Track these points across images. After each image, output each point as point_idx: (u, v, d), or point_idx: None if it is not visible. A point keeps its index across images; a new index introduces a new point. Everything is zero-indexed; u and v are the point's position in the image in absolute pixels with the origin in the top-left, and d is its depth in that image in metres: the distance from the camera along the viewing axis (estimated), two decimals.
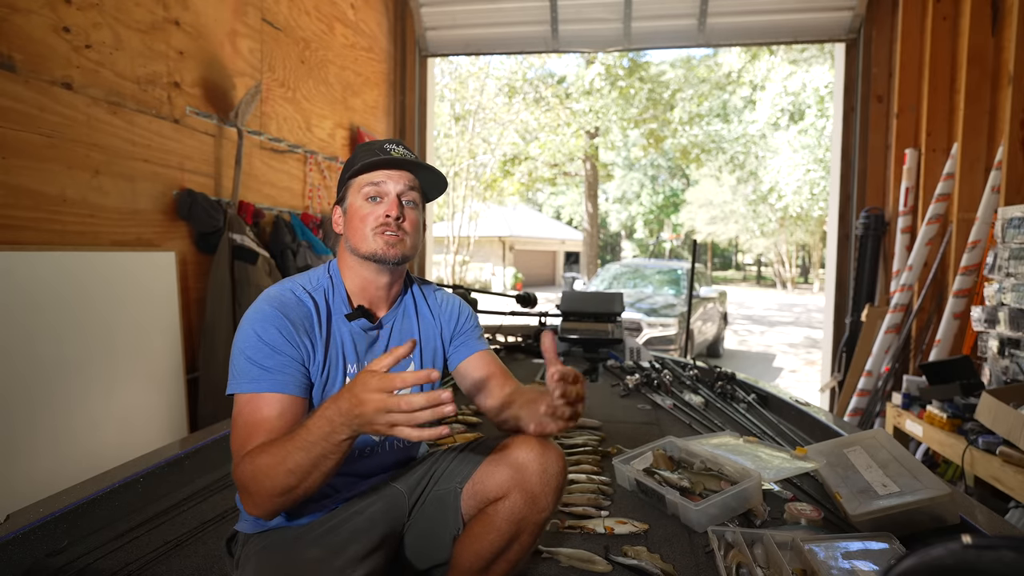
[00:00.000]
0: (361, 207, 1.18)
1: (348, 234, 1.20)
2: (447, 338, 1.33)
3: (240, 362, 1.07)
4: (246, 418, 1.04)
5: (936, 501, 1.50)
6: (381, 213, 1.17)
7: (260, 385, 1.05)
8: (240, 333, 1.09)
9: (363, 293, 1.22)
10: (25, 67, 2.25)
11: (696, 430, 2.47)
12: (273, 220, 3.72)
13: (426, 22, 5.62)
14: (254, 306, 1.12)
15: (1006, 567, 0.58)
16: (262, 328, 1.08)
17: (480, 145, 13.66)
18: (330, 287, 1.21)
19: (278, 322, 1.08)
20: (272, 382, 1.05)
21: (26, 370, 2.19)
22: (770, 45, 13.63)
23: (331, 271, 1.24)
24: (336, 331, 1.17)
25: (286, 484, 0.94)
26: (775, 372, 8.45)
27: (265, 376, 1.05)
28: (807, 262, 30.19)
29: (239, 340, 1.09)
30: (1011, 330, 2.84)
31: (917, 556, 0.60)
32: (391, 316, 1.26)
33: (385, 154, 1.17)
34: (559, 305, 3.91)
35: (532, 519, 1.12)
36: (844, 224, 5.08)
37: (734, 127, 20.13)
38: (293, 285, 1.17)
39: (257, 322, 1.09)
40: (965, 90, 3.66)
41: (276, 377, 1.06)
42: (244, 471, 0.98)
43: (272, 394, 1.05)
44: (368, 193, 1.18)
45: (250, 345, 1.07)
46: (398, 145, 1.21)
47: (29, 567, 1.35)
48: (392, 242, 1.16)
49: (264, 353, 1.06)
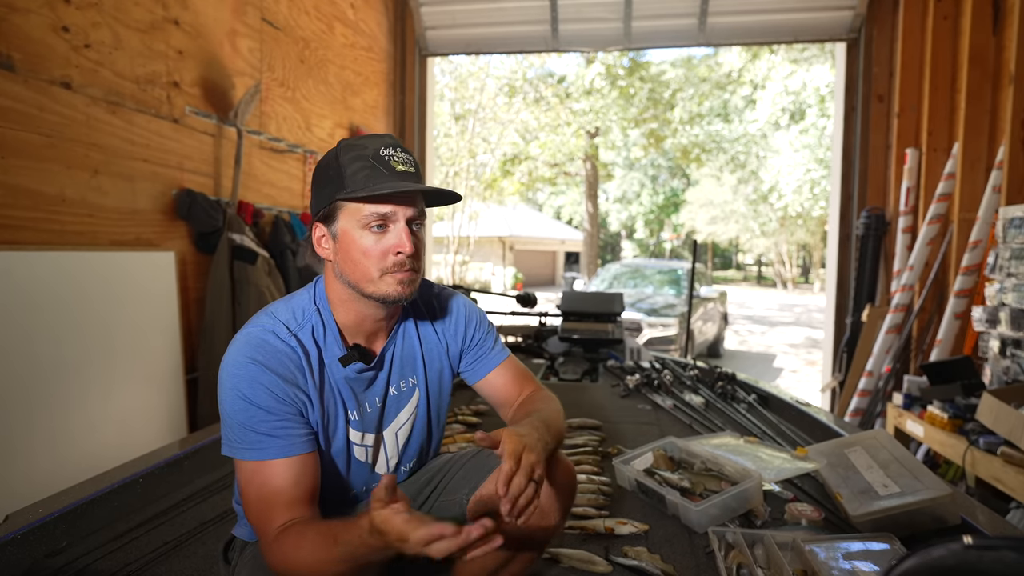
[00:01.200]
0: (361, 238, 0.99)
1: (344, 267, 1.01)
2: (455, 355, 1.21)
3: (234, 427, 0.96)
4: (258, 491, 0.94)
5: (937, 501, 1.50)
6: (391, 248, 0.99)
7: (264, 453, 0.94)
8: (226, 394, 0.96)
9: (359, 328, 1.08)
10: (24, 67, 2.24)
11: (696, 430, 2.47)
12: (272, 220, 3.72)
13: (426, 22, 5.62)
14: (233, 359, 0.97)
15: (1007, 567, 0.58)
16: (250, 390, 0.95)
17: (480, 145, 13.66)
18: (319, 324, 1.05)
19: (266, 379, 0.96)
20: (277, 447, 0.95)
21: (25, 370, 2.18)
22: (771, 45, 13.63)
23: (318, 302, 1.06)
24: (330, 377, 1.05)
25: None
26: (775, 372, 8.44)
27: (267, 441, 0.95)
28: (808, 262, 30.18)
29: (226, 403, 0.97)
30: (1012, 330, 2.83)
31: (918, 556, 0.60)
32: (390, 345, 1.13)
33: (390, 170, 0.98)
34: (559, 305, 3.91)
35: (538, 535, 1.09)
36: (845, 224, 5.08)
37: (735, 127, 20.12)
38: (275, 324, 1.01)
39: (242, 382, 0.95)
40: (966, 90, 3.65)
41: (279, 441, 0.95)
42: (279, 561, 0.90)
43: (279, 460, 0.95)
44: (372, 223, 0.98)
45: (239, 410, 0.95)
46: (397, 149, 1.00)
47: (28, 567, 1.34)
48: (406, 281, 1.01)
49: (259, 418, 0.95)
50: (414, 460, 1.22)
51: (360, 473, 1.12)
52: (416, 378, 1.17)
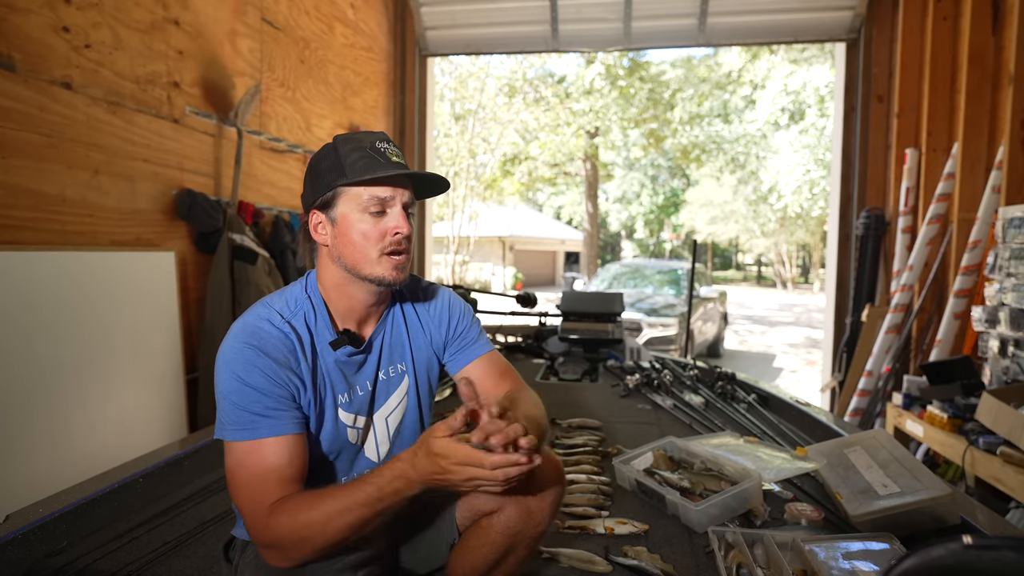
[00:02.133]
0: (360, 221, 1.05)
1: (342, 251, 1.07)
2: (439, 346, 1.24)
3: (228, 409, 0.98)
4: (251, 470, 0.96)
5: (937, 501, 1.50)
6: (390, 229, 1.05)
7: (257, 432, 0.97)
8: (220, 376, 1.00)
9: (350, 314, 1.13)
10: (24, 67, 2.24)
11: (696, 430, 2.47)
12: (273, 220, 3.72)
13: (426, 22, 5.62)
14: (230, 344, 1.01)
15: (1007, 567, 0.58)
16: (244, 371, 0.98)
17: (480, 145, 13.65)
18: (311, 310, 1.09)
19: (260, 362, 0.99)
20: (270, 426, 0.98)
21: (24, 371, 2.18)
22: (770, 45, 13.63)
23: (310, 290, 1.12)
24: (322, 361, 1.08)
25: (341, 538, 0.91)
26: (775, 372, 8.44)
27: (260, 421, 0.97)
28: (807, 262, 30.18)
29: (221, 385, 0.99)
30: (1012, 330, 2.84)
31: (918, 556, 0.60)
32: (379, 331, 1.17)
33: (384, 158, 1.06)
34: (559, 305, 3.91)
35: (527, 533, 1.10)
36: (844, 224, 5.08)
37: (734, 127, 20.12)
38: (269, 313, 1.06)
39: (237, 365, 0.99)
40: (966, 90, 3.65)
41: (272, 421, 0.98)
42: (281, 529, 0.91)
43: (273, 439, 0.97)
44: (371, 207, 1.05)
45: (234, 391, 0.98)
46: (389, 143, 1.09)
47: (28, 567, 1.34)
48: (400, 265, 1.08)
49: (252, 398, 0.98)
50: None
51: (348, 455, 1.14)
52: (405, 365, 1.20)
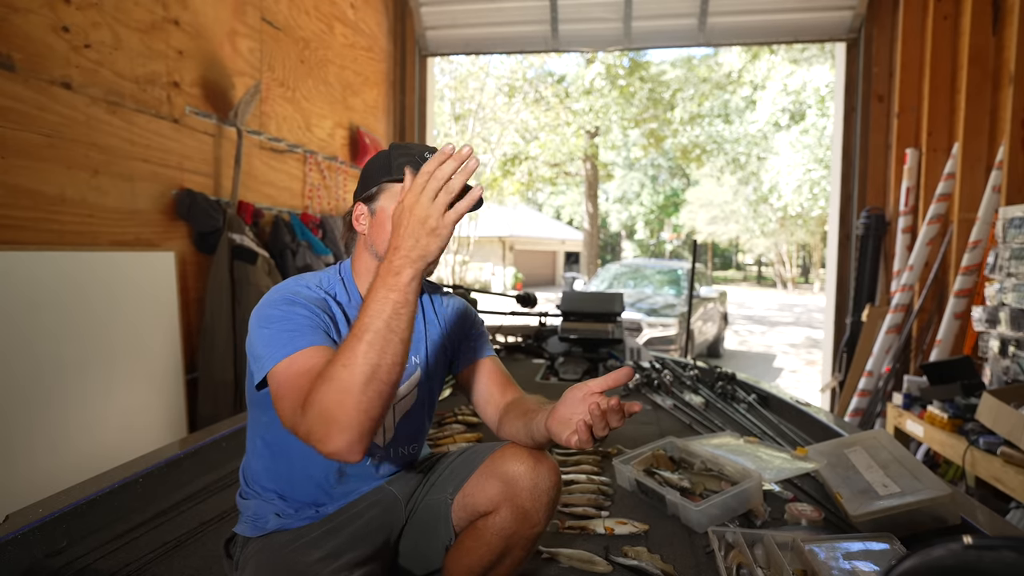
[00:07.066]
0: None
1: (375, 239, 1.15)
2: (452, 344, 1.30)
3: (264, 337, 1.00)
4: (294, 373, 0.95)
5: (937, 502, 1.50)
6: None
7: (297, 344, 0.98)
8: (256, 317, 1.04)
9: None
10: (24, 66, 2.24)
11: (696, 430, 2.46)
12: (273, 220, 3.72)
13: (426, 21, 5.62)
14: (265, 298, 1.08)
15: (1007, 567, 0.58)
16: (292, 295, 1.05)
17: (480, 145, 13.65)
18: (343, 291, 1.17)
19: (297, 299, 1.05)
20: (310, 337, 0.99)
21: (24, 371, 2.18)
22: (770, 45, 13.63)
23: (343, 273, 1.20)
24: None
25: (367, 366, 0.86)
26: (775, 372, 8.44)
27: (299, 335, 0.99)
28: (807, 262, 30.18)
29: (258, 320, 1.03)
30: (1012, 330, 2.83)
31: (918, 556, 0.60)
32: None
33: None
34: (559, 305, 3.90)
35: (523, 534, 1.10)
36: (845, 224, 5.08)
37: (735, 127, 20.12)
38: (305, 282, 1.13)
39: (274, 303, 1.04)
40: (966, 90, 3.65)
41: (312, 335, 1.00)
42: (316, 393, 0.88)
43: (314, 347, 0.98)
44: None
45: (272, 318, 1.02)
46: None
47: (28, 567, 1.34)
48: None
49: (298, 315, 1.02)
50: (405, 445, 1.24)
51: None
52: (419, 357, 1.24)
